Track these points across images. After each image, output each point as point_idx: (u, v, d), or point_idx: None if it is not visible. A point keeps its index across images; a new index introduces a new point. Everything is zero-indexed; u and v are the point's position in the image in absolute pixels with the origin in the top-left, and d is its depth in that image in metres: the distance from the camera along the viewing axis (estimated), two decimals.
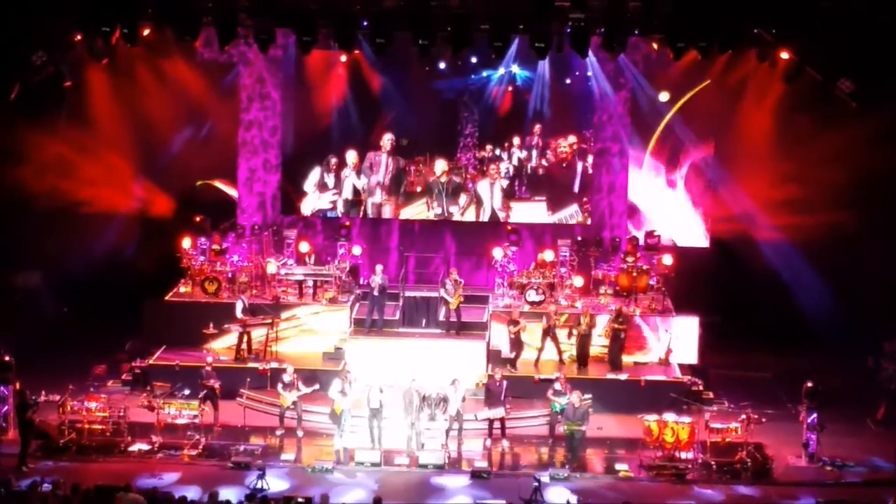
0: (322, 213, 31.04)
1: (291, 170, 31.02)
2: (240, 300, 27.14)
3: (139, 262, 29.71)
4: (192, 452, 22.96)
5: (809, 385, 23.33)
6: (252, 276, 28.99)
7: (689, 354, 27.38)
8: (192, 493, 20.26)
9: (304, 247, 29.42)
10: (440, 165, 30.44)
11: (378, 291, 27.43)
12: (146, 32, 26.72)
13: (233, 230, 30.32)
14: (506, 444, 23.90)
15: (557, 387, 23.92)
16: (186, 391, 24.42)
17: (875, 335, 26.60)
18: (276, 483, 21.32)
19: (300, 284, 28.65)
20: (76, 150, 28.80)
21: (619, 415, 24.86)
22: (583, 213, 30.75)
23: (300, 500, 19.25)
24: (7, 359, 23.77)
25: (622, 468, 22.67)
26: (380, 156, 30.47)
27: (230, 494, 20.19)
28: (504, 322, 26.97)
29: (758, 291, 29.34)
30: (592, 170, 30.69)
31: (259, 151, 31.12)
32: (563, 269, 28.98)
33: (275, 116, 30.97)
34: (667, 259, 28.95)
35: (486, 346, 27.01)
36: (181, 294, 28.70)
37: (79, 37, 26.10)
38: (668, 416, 23.19)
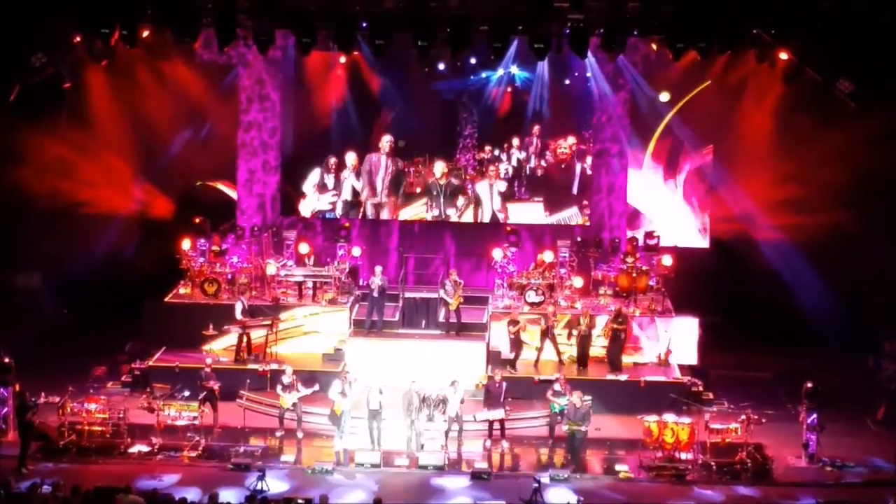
0: (321, 215, 31.05)
1: (291, 171, 31.01)
2: (239, 301, 27.14)
3: (139, 264, 29.69)
4: (192, 454, 22.96)
5: (809, 385, 23.32)
6: (252, 278, 28.97)
7: (689, 355, 27.36)
8: (192, 495, 20.23)
9: (304, 248, 29.43)
10: (439, 167, 30.45)
11: (377, 292, 27.42)
12: (145, 34, 26.70)
13: (232, 231, 30.31)
14: (505, 445, 23.89)
15: (557, 387, 23.90)
16: (186, 392, 24.41)
17: (875, 335, 26.60)
18: (276, 484, 21.31)
19: (300, 286, 28.66)
20: (76, 152, 28.78)
21: (619, 415, 24.84)
22: (582, 217, 30.76)
23: (300, 502, 19.23)
24: (7, 360, 23.74)
25: (622, 469, 22.66)
26: (379, 157, 30.49)
27: (230, 496, 20.22)
28: (504, 321, 26.98)
29: (758, 292, 29.33)
30: (592, 171, 30.70)
31: (258, 153, 31.12)
32: (563, 270, 28.99)
33: (274, 118, 30.96)
34: (666, 260, 28.95)
35: (486, 347, 27.01)
36: (181, 295, 28.70)
37: (78, 38, 26.10)
38: (668, 417, 23.17)
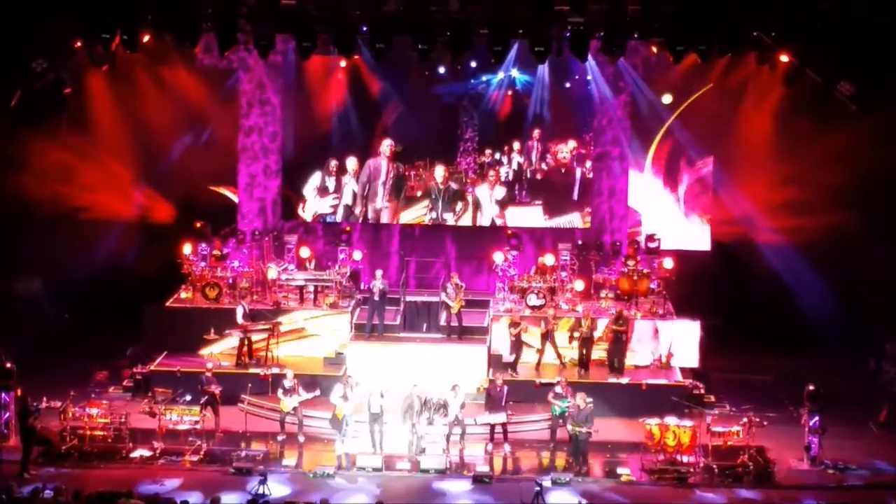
0: (322, 219, 31.05)
1: (292, 175, 31.03)
2: (240, 306, 27.13)
3: (140, 268, 29.69)
4: (194, 458, 22.97)
5: (811, 388, 23.31)
6: (253, 282, 28.98)
7: (691, 358, 27.34)
8: (194, 499, 20.24)
9: (305, 252, 29.45)
10: (440, 171, 30.46)
11: (378, 296, 27.42)
12: (146, 39, 26.73)
13: (233, 236, 30.33)
14: (507, 449, 23.88)
15: (558, 390, 23.89)
16: (188, 397, 24.39)
17: (877, 337, 26.59)
18: (278, 488, 21.30)
19: (301, 290, 28.66)
20: (77, 157, 28.76)
21: (621, 418, 24.86)
22: (584, 224, 30.73)
23: None
24: (8, 365, 23.76)
25: (624, 472, 22.65)
26: (379, 162, 30.49)
27: (232, 500, 20.25)
28: (505, 322, 26.99)
29: (759, 294, 29.33)
30: (592, 174, 30.69)
31: (259, 157, 31.14)
32: (564, 273, 28.98)
33: (275, 122, 30.99)
34: (667, 262, 28.93)
35: (487, 351, 27.00)
36: (182, 300, 28.72)
37: (79, 43, 26.08)
38: (670, 420, 23.14)
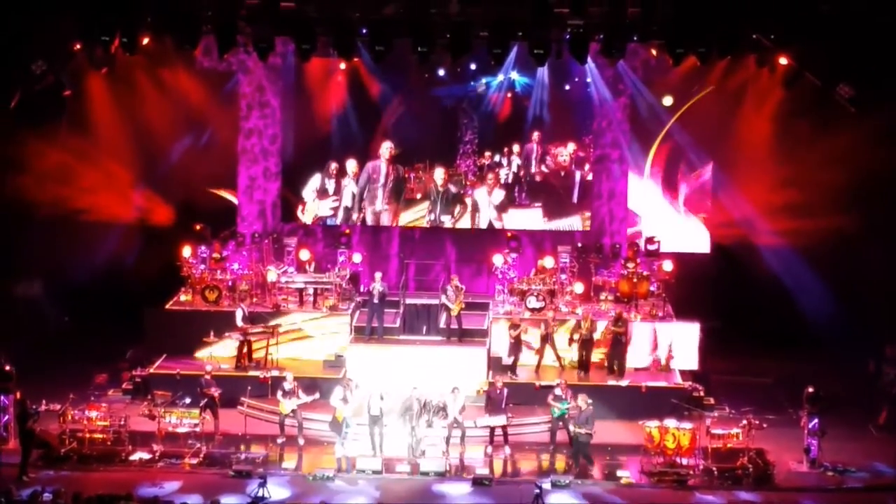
0: (322, 221, 31.06)
1: (291, 178, 31.03)
2: (240, 308, 27.12)
3: (139, 271, 29.69)
4: (194, 461, 22.96)
5: (811, 390, 23.29)
6: (252, 285, 28.95)
7: (690, 360, 27.32)
8: (194, 502, 20.34)
9: (305, 254, 29.45)
10: (439, 173, 30.46)
11: (378, 299, 27.42)
12: (146, 41, 26.74)
13: (233, 238, 30.31)
14: (507, 451, 23.87)
15: (558, 392, 23.89)
16: (187, 400, 24.38)
17: (876, 339, 26.60)
18: (278, 491, 21.30)
19: (300, 292, 28.66)
20: (76, 159, 28.76)
21: (621, 421, 24.86)
22: (584, 226, 30.72)
23: None
24: (8, 368, 23.75)
25: (623, 475, 22.65)
26: (379, 164, 30.49)
27: (232, 503, 20.22)
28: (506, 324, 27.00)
29: (758, 296, 29.31)
30: (592, 176, 30.68)
31: (259, 159, 31.13)
32: (564, 276, 28.98)
33: (274, 124, 30.98)
34: (667, 265, 28.92)
35: (487, 353, 27.00)
36: (182, 302, 28.70)
37: (78, 46, 26.11)
38: (670, 422, 23.15)
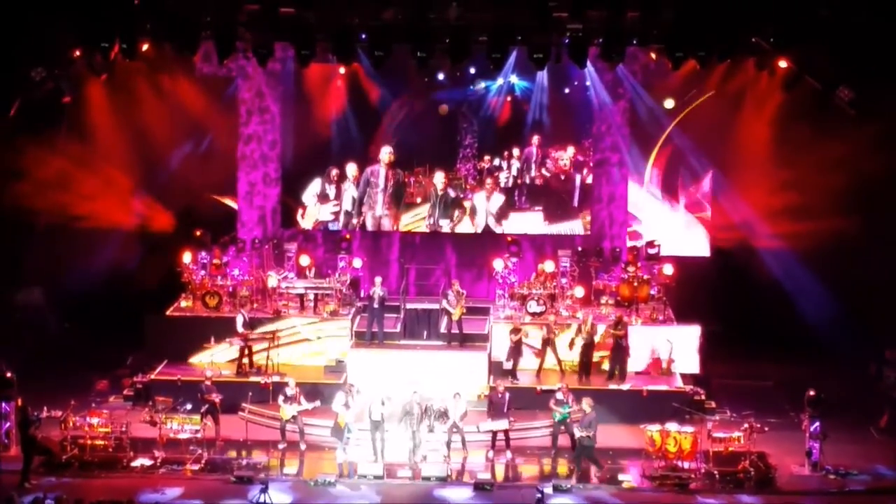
0: (322, 226, 31.06)
1: (291, 183, 31.04)
2: (240, 314, 27.13)
3: (140, 277, 29.69)
4: (195, 467, 22.94)
5: (812, 393, 23.28)
6: (253, 290, 28.95)
7: (691, 364, 27.33)
8: None
9: (305, 260, 29.44)
10: (439, 177, 30.48)
11: (378, 304, 27.41)
12: (145, 47, 26.72)
13: (233, 244, 30.31)
14: (509, 456, 23.85)
15: (559, 396, 23.88)
16: (188, 406, 24.37)
17: (877, 342, 26.61)
18: (279, 497, 21.26)
19: (301, 298, 28.66)
20: (76, 166, 28.77)
21: (622, 425, 24.84)
22: (584, 230, 30.73)
23: None
24: (9, 375, 23.72)
25: (625, 478, 22.62)
26: (378, 169, 30.50)
27: None
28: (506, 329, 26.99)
29: (759, 300, 29.32)
30: (592, 180, 30.69)
31: (259, 165, 31.15)
32: (564, 280, 28.98)
33: (274, 130, 31.00)
34: (667, 269, 28.93)
35: (488, 358, 26.99)
36: (182, 308, 28.71)
37: (78, 52, 26.08)
38: (671, 426, 23.15)
